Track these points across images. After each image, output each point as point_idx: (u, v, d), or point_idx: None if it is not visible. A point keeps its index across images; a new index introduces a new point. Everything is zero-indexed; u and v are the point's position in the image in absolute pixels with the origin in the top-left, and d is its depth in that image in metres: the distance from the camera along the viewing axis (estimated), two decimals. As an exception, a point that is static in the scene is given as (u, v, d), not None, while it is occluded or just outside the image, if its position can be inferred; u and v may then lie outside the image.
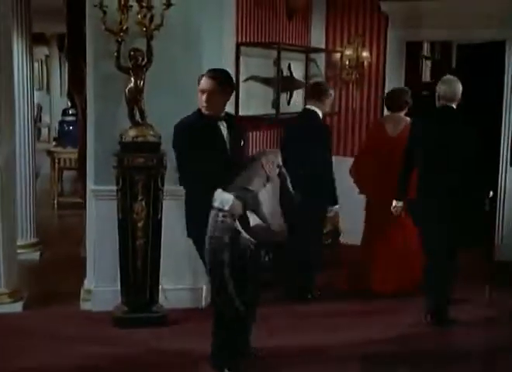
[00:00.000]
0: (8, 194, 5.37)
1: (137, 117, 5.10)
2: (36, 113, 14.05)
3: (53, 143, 10.84)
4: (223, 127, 4.28)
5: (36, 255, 6.98)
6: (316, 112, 5.76)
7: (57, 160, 9.78)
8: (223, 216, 3.94)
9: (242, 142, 4.33)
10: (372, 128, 6.78)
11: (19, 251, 6.04)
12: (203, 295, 5.52)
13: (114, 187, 5.08)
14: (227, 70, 4.48)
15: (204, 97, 4.19)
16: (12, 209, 5.49)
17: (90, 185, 5.44)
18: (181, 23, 5.26)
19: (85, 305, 5.47)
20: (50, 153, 10.08)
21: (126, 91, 5.06)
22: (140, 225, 5.06)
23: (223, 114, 4.31)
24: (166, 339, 4.94)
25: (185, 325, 5.19)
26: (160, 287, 5.19)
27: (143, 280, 5.11)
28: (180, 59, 5.33)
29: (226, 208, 3.92)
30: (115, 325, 5.12)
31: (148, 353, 4.74)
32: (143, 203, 5.04)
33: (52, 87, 18.19)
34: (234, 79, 6.06)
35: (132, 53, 5.03)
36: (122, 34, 4.98)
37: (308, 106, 5.87)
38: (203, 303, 5.53)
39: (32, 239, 7.04)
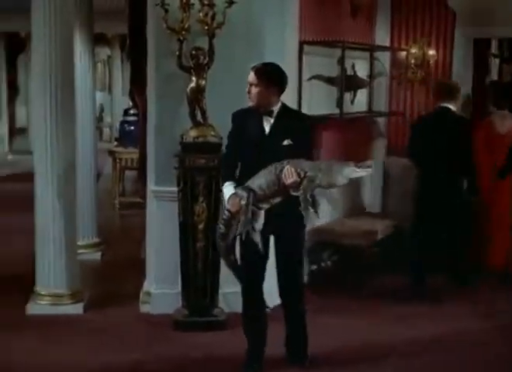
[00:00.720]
0: (69, 195, 5.35)
1: (199, 117, 5.02)
2: (97, 113, 14.19)
3: (115, 143, 10.86)
4: (267, 122, 4.16)
5: (97, 255, 6.97)
6: (452, 110, 6.00)
7: (118, 160, 9.78)
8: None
9: (288, 142, 4.08)
10: (482, 126, 6.71)
11: (80, 251, 6.04)
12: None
13: (175, 188, 5.02)
14: (278, 65, 4.26)
15: (247, 89, 4.20)
16: (74, 210, 5.46)
17: (150, 186, 5.38)
18: (243, 21, 5.15)
19: (145, 308, 5.41)
20: (111, 152, 10.11)
21: (188, 90, 4.99)
22: (200, 227, 4.97)
23: (274, 108, 4.15)
24: (226, 344, 4.83)
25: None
26: (220, 290, 5.10)
27: (204, 284, 5.02)
28: (242, 58, 5.20)
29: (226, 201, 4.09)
30: (175, 329, 5.05)
31: (207, 357, 4.64)
32: (204, 205, 4.95)
33: (113, 87, 18.36)
34: (297, 78, 5.99)
35: (193, 52, 4.95)
36: (183, 33, 4.90)
37: (444, 104, 6.02)
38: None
39: (93, 240, 7.03)
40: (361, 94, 7.20)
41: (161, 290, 5.31)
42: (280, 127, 4.15)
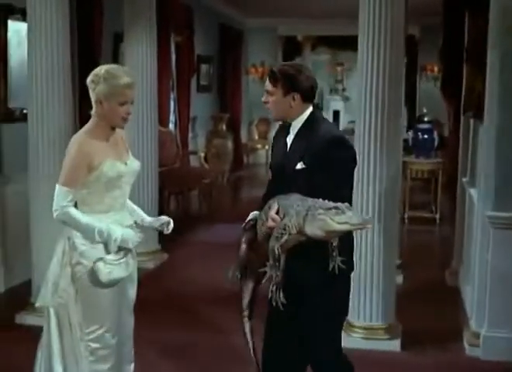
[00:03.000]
0: (390, 213, 4.71)
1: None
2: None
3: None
4: (290, 138, 3.20)
5: (398, 279, 6.23)
6: None
7: (408, 171, 9.01)
8: None
9: (301, 165, 3.05)
10: None
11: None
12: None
13: (518, 215, 4.22)
14: (299, 65, 3.26)
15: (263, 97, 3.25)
16: (394, 229, 4.82)
17: (485, 210, 4.56)
18: None
19: (473, 351, 4.61)
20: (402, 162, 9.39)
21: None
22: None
23: (296, 121, 3.16)
24: None
25: None
26: None
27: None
28: None
29: None
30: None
31: None
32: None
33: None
34: None
35: None
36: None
37: None
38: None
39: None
40: None
41: (495, 333, 4.50)
42: (297, 146, 3.14)
